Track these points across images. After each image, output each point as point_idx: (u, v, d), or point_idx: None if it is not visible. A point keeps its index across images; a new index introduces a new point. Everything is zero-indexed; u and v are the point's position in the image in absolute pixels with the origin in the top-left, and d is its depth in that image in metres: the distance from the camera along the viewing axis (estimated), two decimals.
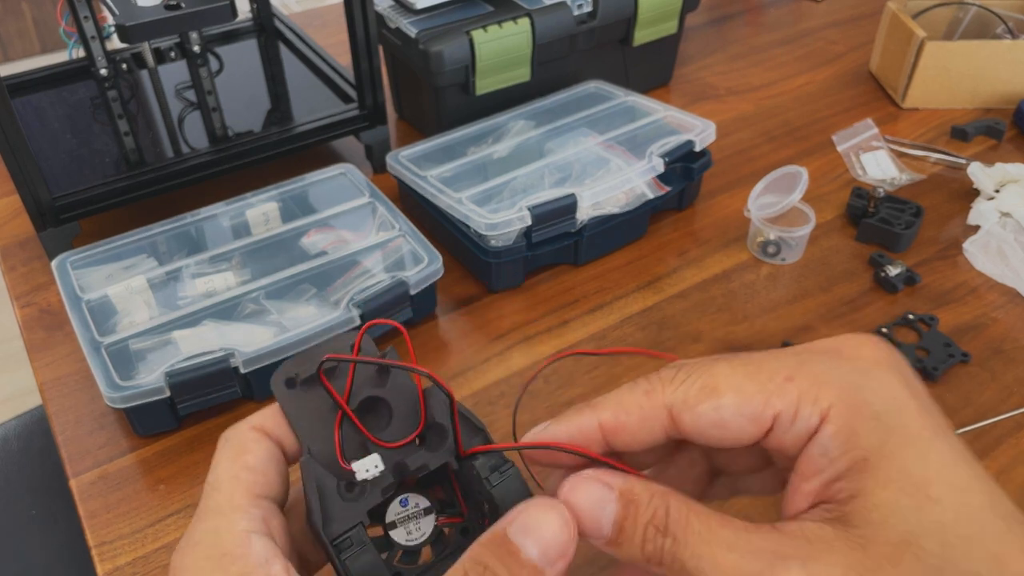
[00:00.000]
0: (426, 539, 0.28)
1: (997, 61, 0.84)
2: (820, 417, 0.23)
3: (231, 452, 0.26)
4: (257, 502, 0.26)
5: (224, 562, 0.24)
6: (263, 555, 0.24)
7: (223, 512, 0.25)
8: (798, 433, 0.24)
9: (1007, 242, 0.68)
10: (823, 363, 0.24)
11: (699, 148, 0.71)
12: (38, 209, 0.65)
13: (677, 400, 0.25)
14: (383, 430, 0.28)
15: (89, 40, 0.78)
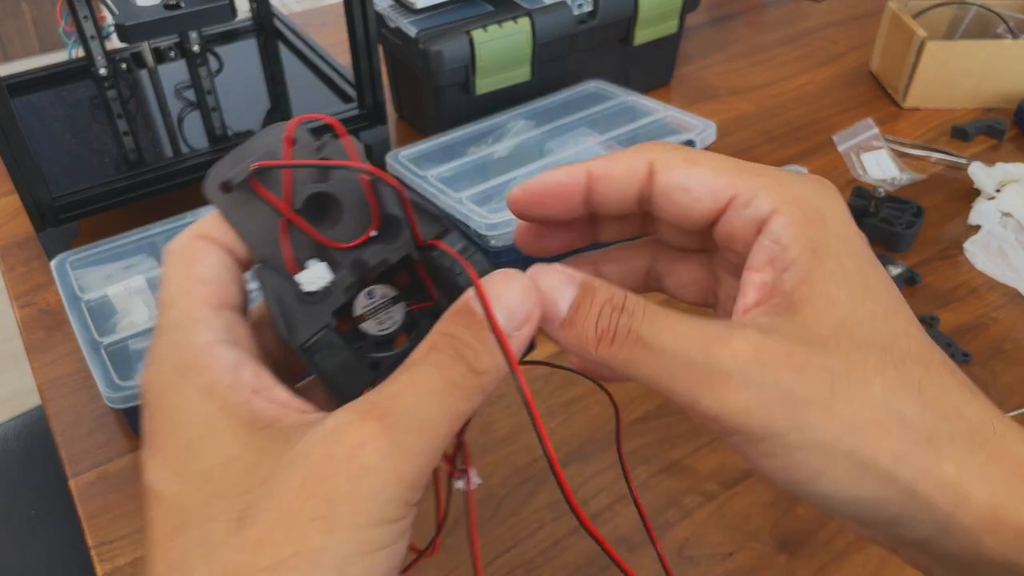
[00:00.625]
0: (398, 327, 0.27)
1: (998, 61, 0.84)
2: (771, 208, 0.25)
3: (180, 264, 0.25)
4: (217, 312, 0.24)
5: (190, 374, 0.23)
6: (230, 362, 0.23)
7: (182, 326, 0.24)
8: (748, 218, 0.26)
9: (1008, 242, 0.68)
10: (790, 175, 0.26)
11: (699, 148, 0.71)
12: (37, 209, 0.64)
13: (660, 159, 0.27)
14: (334, 227, 0.26)
15: (88, 40, 0.78)
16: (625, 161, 0.27)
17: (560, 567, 0.47)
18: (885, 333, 0.23)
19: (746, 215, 0.26)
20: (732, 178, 0.26)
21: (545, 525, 0.49)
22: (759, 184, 0.26)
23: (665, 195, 0.27)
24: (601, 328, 0.24)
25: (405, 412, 0.22)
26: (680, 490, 0.51)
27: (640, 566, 0.47)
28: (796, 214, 0.25)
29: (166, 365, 0.23)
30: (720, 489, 0.51)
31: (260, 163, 0.24)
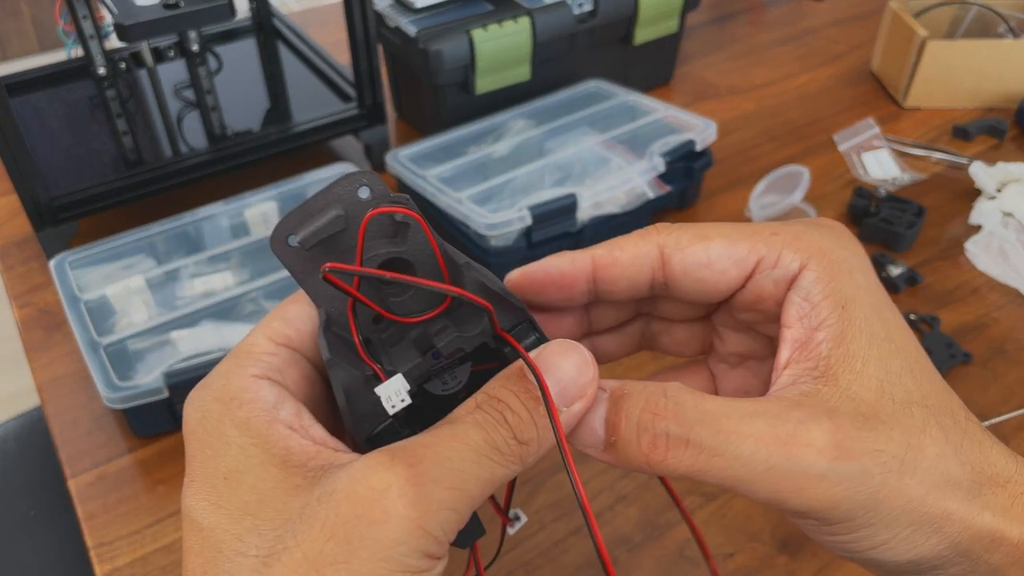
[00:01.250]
0: (462, 386, 0.26)
1: (999, 60, 0.84)
2: (800, 264, 0.25)
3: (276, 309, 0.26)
4: (276, 348, 0.25)
5: (232, 406, 0.23)
6: (271, 399, 0.23)
7: (239, 356, 0.25)
8: (778, 277, 0.26)
9: (1009, 242, 0.68)
10: (804, 226, 0.26)
11: (700, 147, 0.71)
12: (36, 209, 0.64)
13: (670, 241, 0.27)
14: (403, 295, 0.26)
15: (87, 39, 0.77)
16: (631, 247, 0.27)
17: (560, 568, 0.47)
18: (916, 389, 0.24)
19: (776, 275, 0.26)
20: (751, 243, 0.26)
21: (546, 526, 0.49)
22: (779, 243, 0.26)
23: (684, 275, 0.27)
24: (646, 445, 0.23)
25: (438, 463, 0.21)
26: (680, 491, 0.51)
27: (640, 567, 0.47)
28: (823, 267, 0.25)
29: (211, 393, 0.24)
30: (720, 489, 0.51)
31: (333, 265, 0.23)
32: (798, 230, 0.26)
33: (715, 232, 0.26)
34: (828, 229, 0.27)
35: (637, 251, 0.27)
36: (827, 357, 0.24)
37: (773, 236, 0.26)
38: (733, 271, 0.26)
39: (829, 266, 0.25)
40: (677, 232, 0.27)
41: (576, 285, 0.27)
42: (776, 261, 0.25)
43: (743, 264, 0.26)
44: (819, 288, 0.25)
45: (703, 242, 0.26)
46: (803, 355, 0.24)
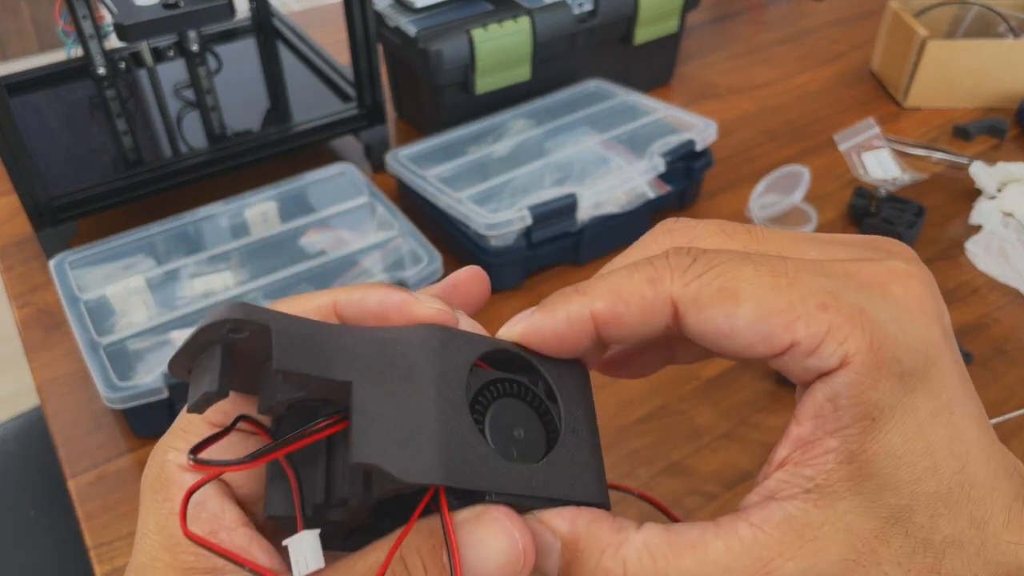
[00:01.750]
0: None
1: (999, 60, 0.84)
2: (841, 361, 0.20)
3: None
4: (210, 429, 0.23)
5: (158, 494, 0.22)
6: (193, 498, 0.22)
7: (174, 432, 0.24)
8: (810, 368, 0.21)
9: (1009, 242, 0.68)
10: (864, 297, 0.21)
11: (700, 147, 0.71)
12: (36, 209, 0.64)
13: (687, 297, 0.21)
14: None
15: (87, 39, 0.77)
16: (637, 299, 0.22)
17: None
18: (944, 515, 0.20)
19: (808, 365, 0.21)
20: (788, 317, 0.20)
21: None
22: (825, 324, 0.20)
23: (700, 338, 0.22)
24: None
25: None
26: (681, 491, 0.51)
27: None
28: (868, 369, 0.20)
29: (153, 468, 0.23)
30: (721, 490, 0.51)
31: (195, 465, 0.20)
32: (854, 307, 0.20)
33: (747, 290, 0.21)
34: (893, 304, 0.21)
35: (644, 305, 0.22)
36: (830, 471, 0.20)
37: (820, 311, 0.20)
38: (760, 348, 0.21)
39: (875, 369, 0.20)
40: (697, 282, 0.21)
41: (575, 345, 0.23)
42: (815, 350, 0.20)
43: (772, 343, 0.21)
44: (851, 393, 0.20)
45: (728, 305, 0.21)
46: (803, 459, 0.21)
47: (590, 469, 0.23)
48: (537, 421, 0.23)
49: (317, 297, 0.24)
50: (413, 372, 0.21)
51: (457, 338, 0.23)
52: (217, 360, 0.20)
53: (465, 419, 0.21)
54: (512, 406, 0.23)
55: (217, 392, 0.20)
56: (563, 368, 0.24)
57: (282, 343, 0.20)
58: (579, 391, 0.24)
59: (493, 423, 0.22)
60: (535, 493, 0.21)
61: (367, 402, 0.20)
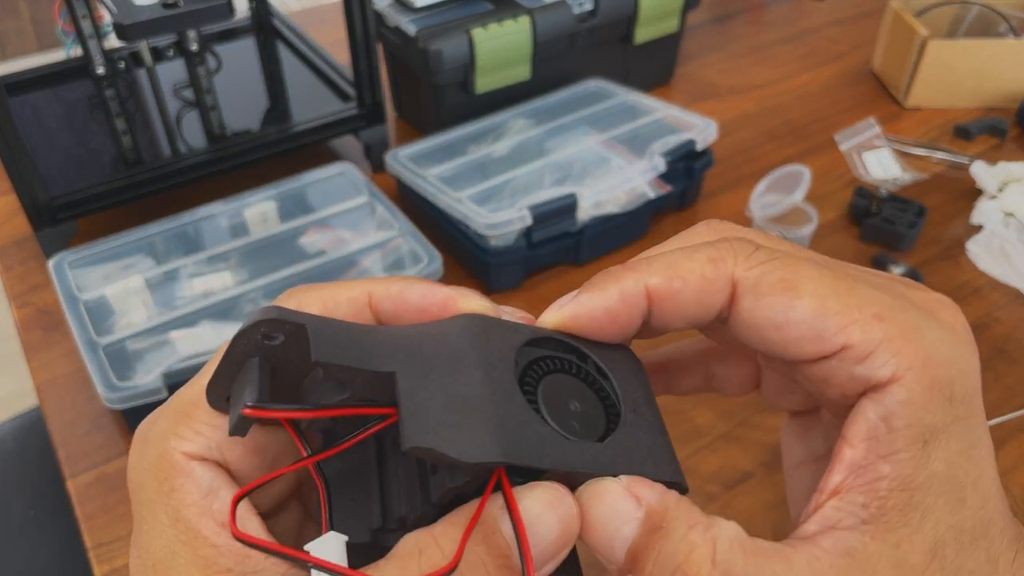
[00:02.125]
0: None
1: (1000, 60, 0.84)
2: (892, 374, 0.20)
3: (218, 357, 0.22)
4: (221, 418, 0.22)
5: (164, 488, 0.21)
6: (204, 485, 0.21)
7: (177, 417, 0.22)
8: (859, 377, 0.20)
9: (1010, 242, 0.68)
10: (919, 317, 0.21)
11: (700, 147, 0.70)
12: (35, 208, 0.64)
13: (749, 280, 0.21)
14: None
15: (87, 39, 0.77)
16: (697, 276, 0.21)
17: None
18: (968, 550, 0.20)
19: (857, 373, 0.20)
20: (844, 319, 0.20)
21: None
22: (879, 335, 0.20)
23: (750, 327, 0.21)
24: None
25: None
26: None
27: None
28: (920, 388, 0.20)
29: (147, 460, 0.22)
30: (721, 490, 0.51)
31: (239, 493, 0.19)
32: (908, 323, 0.20)
33: (808, 284, 0.20)
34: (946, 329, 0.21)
35: (704, 284, 0.21)
36: (884, 499, 0.20)
37: (877, 322, 0.20)
38: (809, 347, 0.20)
39: (928, 388, 0.20)
40: (761, 268, 0.21)
41: (627, 325, 0.22)
42: (866, 357, 0.20)
43: (824, 343, 0.20)
44: (905, 413, 0.20)
45: (787, 295, 0.20)
46: (857, 484, 0.20)
47: (660, 449, 0.22)
48: (593, 396, 0.22)
49: (348, 288, 0.23)
50: (457, 359, 0.20)
51: (498, 326, 0.22)
52: (255, 372, 0.20)
53: (518, 399, 0.20)
54: (563, 381, 0.22)
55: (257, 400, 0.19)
56: (613, 353, 0.23)
57: (319, 338, 0.19)
58: (634, 375, 0.23)
59: (546, 399, 0.21)
60: (604, 471, 0.20)
61: (413, 390, 0.19)
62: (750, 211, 0.69)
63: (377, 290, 0.22)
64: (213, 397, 0.21)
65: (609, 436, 0.21)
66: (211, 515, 0.21)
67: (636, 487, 0.20)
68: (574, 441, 0.20)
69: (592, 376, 0.22)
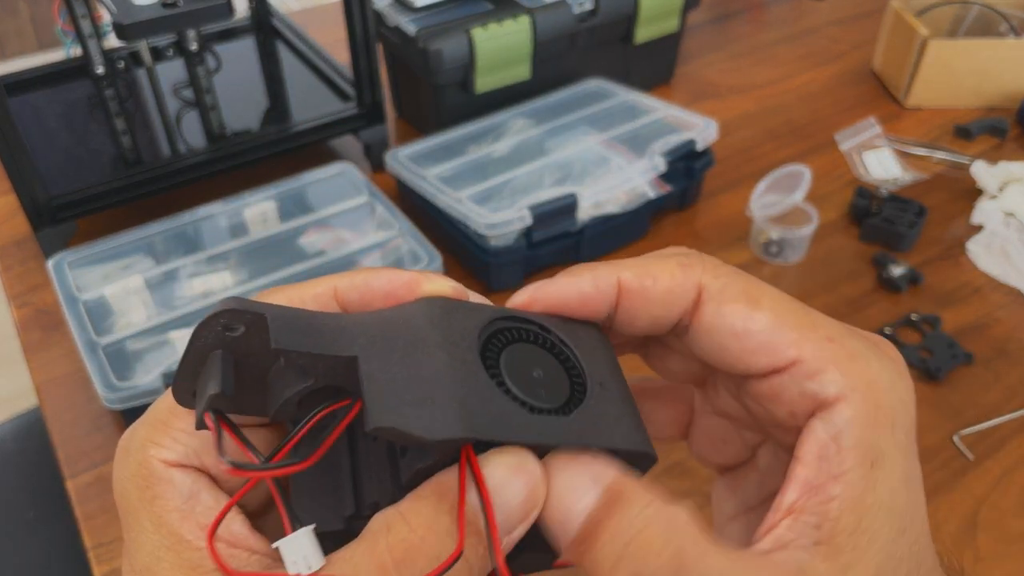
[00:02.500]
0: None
1: (1000, 60, 0.84)
2: (839, 393, 0.21)
3: None
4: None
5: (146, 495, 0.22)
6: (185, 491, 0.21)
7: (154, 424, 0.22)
8: (808, 393, 0.21)
9: (1011, 242, 0.68)
10: (865, 346, 0.22)
11: (701, 147, 0.70)
12: (35, 208, 0.64)
13: (714, 287, 0.22)
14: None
15: (86, 39, 0.77)
16: (667, 278, 0.22)
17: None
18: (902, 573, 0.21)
19: (806, 388, 0.21)
20: (798, 335, 0.21)
21: None
22: (829, 354, 0.21)
23: (709, 334, 0.22)
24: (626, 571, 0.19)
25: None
26: (681, 492, 0.51)
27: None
28: (865, 408, 0.21)
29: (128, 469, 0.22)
30: None
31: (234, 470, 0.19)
32: (856, 349, 0.21)
33: (767, 301, 0.22)
34: (890, 364, 0.22)
35: (673, 284, 0.22)
36: (835, 520, 0.20)
37: (826, 342, 0.21)
38: (763, 359, 0.21)
39: (873, 410, 0.21)
40: (727, 278, 0.22)
41: (596, 311, 0.23)
42: (814, 373, 0.21)
43: (776, 356, 0.21)
44: (853, 432, 0.20)
45: (748, 306, 0.22)
46: (809, 504, 0.20)
47: (627, 419, 0.22)
48: (556, 363, 0.22)
49: (313, 285, 0.23)
50: (419, 339, 0.20)
51: (461, 307, 0.22)
52: (218, 364, 0.20)
53: (481, 375, 0.20)
54: (526, 351, 0.22)
55: (220, 393, 0.19)
56: (579, 330, 0.23)
57: (278, 325, 0.19)
58: (600, 349, 0.23)
59: (509, 368, 0.21)
60: (569, 442, 0.20)
61: (376, 371, 0.19)
62: (750, 211, 0.68)
63: (342, 283, 0.23)
64: (179, 393, 0.21)
65: (576, 409, 0.21)
66: (193, 519, 0.21)
67: (599, 460, 0.20)
68: (540, 414, 0.20)
69: (555, 344, 0.23)
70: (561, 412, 0.21)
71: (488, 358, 0.21)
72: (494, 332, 0.22)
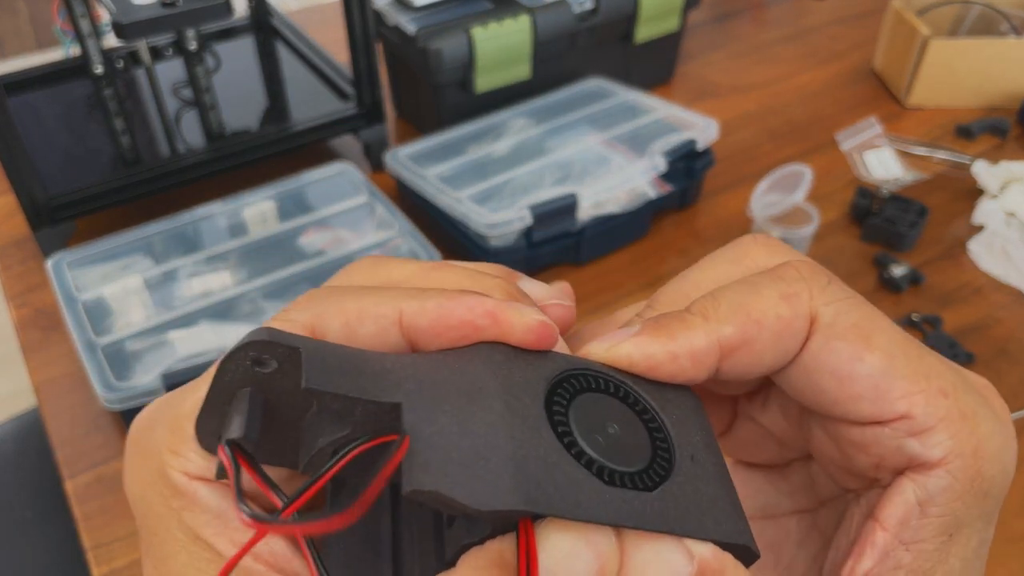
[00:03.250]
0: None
1: (1001, 59, 0.84)
2: (943, 457, 0.18)
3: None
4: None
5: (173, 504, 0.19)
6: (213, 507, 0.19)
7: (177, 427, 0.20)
8: (907, 452, 0.19)
9: (1012, 242, 0.68)
10: (977, 403, 0.19)
11: (701, 147, 0.70)
12: (34, 208, 0.64)
13: (827, 315, 0.18)
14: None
15: (85, 38, 0.77)
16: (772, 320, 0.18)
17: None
18: None
19: (907, 447, 0.18)
20: (910, 386, 0.18)
21: None
22: (941, 411, 0.18)
23: (808, 373, 0.19)
24: None
25: None
26: None
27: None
28: (964, 477, 0.18)
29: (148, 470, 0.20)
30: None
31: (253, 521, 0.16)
32: (968, 407, 0.19)
33: (880, 339, 0.18)
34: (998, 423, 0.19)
35: (781, 327, 0.18)
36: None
37: (941, 397, 0.18)
38: (866, 407, 0.18)
39: (971, 480, 0.18)
40: (836, 306, 0.19)
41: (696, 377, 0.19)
42: (922, 432, 0.18)
43: (883, 408, 0.18)
44: (942, 501, 0.18)
45: (859, 344, 0.18)
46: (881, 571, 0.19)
47: (723, 503, 0.18)
48: (635, 419, 0.19)
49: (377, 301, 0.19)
50: (475, 386, 0.17)
51: (531, 356, 0.19)
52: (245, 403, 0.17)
53: (545, 431, 0.17)
54: (600, 402, 0.18)
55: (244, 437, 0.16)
56: (667, 391, 0.20)
57: (313, 361, 0.16)
58: (690, 412, 0.20)
59: (579, 423, 0.18)
60: (651, 526, 0.17)
61: (420, 423, 0.16)
62: (751, 211, 0.68)
63: (411, 307, 0.19)
64: (202, 435, 0.18)
65: (661, 484, 0.18)
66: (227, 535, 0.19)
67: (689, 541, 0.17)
68: (616, 487, 0.17)
69: (636, 398, 0.19)
70: (642, 485, 0.17)
71: (556, 411, 0.18)
72: (563, 377, 0.19)
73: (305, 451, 0.18)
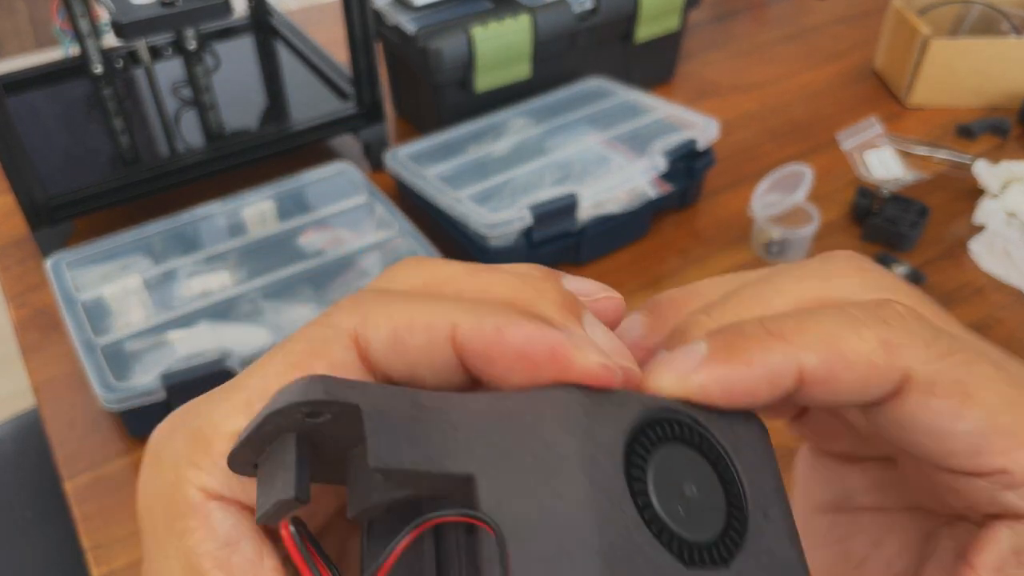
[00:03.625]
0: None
1: (1002, 59, 0.84)
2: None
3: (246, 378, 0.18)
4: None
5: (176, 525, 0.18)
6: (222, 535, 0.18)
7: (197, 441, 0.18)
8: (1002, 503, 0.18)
9: (1013, 242, 0.68)
10: None
11: (702, 146, 0.70)
12: (33, 208, 0.64)
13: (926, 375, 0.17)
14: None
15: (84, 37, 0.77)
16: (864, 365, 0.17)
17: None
18: None
19: (1003, 499, 0.18)
20: (1011, 442, 0.17)
21: None
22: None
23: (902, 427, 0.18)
24: None
25: None
26: None
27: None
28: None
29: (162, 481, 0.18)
30: None
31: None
32: None
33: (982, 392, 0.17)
34: None
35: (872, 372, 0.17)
36: None
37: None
38: (963, 462, 0.18)
39: None
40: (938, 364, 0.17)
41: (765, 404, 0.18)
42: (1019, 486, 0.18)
43: (981, 461, 0.18)
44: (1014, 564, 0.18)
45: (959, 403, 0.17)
46: None
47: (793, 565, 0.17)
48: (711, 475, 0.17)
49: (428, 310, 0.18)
50: (551, 451, 0.16)
51: (604, 402, 0.17)
52: (292, 455, 0.16)
53: (628, 509, 0.16)
54: (677, 456, 0.17)
55: (295, 499, 0.15)
56: (737, 425, 0.18)
57: (378, 432, 0.15)
58: (761, 455, 0.18)
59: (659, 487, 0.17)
60: None
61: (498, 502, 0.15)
62: (752, 211, 0.68)
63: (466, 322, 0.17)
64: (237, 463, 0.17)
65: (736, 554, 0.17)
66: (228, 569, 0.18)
67: None
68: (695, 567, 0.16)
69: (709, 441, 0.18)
70: (719, 558, 0.16)
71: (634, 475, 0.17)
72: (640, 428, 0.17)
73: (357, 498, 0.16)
